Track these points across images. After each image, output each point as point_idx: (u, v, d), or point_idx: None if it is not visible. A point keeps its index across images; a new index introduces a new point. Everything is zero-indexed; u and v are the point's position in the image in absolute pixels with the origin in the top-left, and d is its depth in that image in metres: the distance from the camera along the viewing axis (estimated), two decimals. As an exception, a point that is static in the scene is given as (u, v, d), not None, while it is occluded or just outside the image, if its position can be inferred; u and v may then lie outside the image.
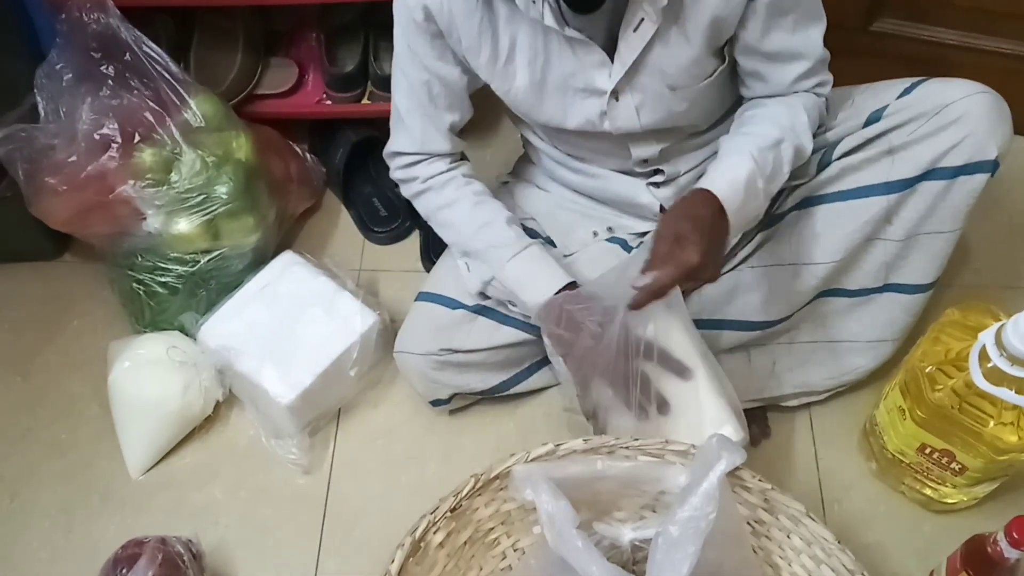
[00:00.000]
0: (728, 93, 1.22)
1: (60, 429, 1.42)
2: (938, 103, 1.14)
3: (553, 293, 1.18)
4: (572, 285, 1.19)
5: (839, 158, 1.20)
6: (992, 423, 1.10)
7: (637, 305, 1.06)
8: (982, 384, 1.08)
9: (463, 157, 1.32)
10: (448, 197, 1.28)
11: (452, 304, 1.30)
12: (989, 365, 1.07)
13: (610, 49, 1.09)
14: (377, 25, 1.63)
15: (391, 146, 1.29)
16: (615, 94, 1.12)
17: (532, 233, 1.35)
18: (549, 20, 1.05)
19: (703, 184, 1.08)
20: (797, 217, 1.24)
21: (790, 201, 1.25)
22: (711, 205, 1.06)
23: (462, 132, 1.28)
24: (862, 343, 1.32)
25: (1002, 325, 1.06)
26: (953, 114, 1.13)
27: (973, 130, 1.12)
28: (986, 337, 1.08)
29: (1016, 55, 1.55)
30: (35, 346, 1.50)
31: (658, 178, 1.27)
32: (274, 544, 1.30)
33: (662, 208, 1.29)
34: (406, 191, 1.32)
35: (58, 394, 1.45)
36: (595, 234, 1.34)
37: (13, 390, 1.46)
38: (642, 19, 1.05)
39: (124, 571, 1.17)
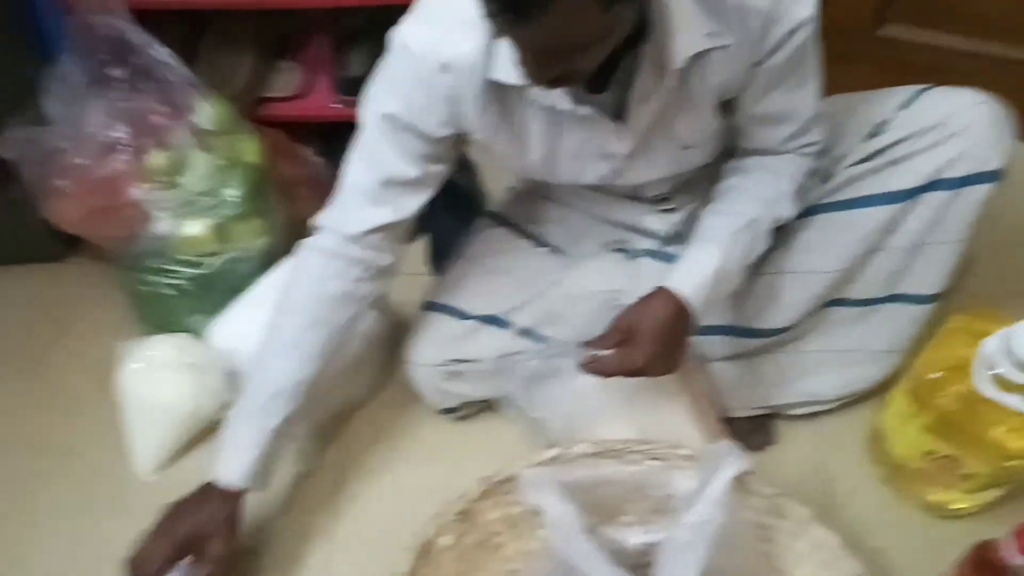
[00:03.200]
0: (731, 134, 1.22)
1: (69, 431, 1.42)
2: (942, 114, 1.14)
3: (219, 480, 1.11)
4: (235, 495, 1.12)
5: (843, 169, 1.21)
6: (998, 429, 1.11)
7: (585, 370, 1.09)
8: (988, 391, 1.08)
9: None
10: (306, 270, 1.17)
11: (459, 315, 1.31)
12: (994, 372, 1.07)
13: (620, 115, 1.08)
14: (386, 29, 1.63)
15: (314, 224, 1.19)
16: (629, 155, 1.12)
17: (539, 242, 1.35)
18: (563, 104, 1.04)
19: (669, 282, 1.09)
20: (801, 226, 1.24)
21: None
22: (672, 307, 1.08)
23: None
24: (868, 353, 1.32)
25: (1007, 332, 1.07)
26: (955, 125, 1.13)
27: (976, 141, 1.12)
28: (991, 344, 1.09)
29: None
30: (45, 347, 1.51)
31: (667, 205, 1.27)
32: (281, 547, 1.30)
33: (677, 236, 1.29)
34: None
35: (67, 395, 1.46)
36: (603, 244, 1.34)
37: (23, 391, 1.47)
38: (651, 94, 1.04)
39: None
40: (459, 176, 1.58)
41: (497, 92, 1.05)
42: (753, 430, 1.36)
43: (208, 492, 1.11)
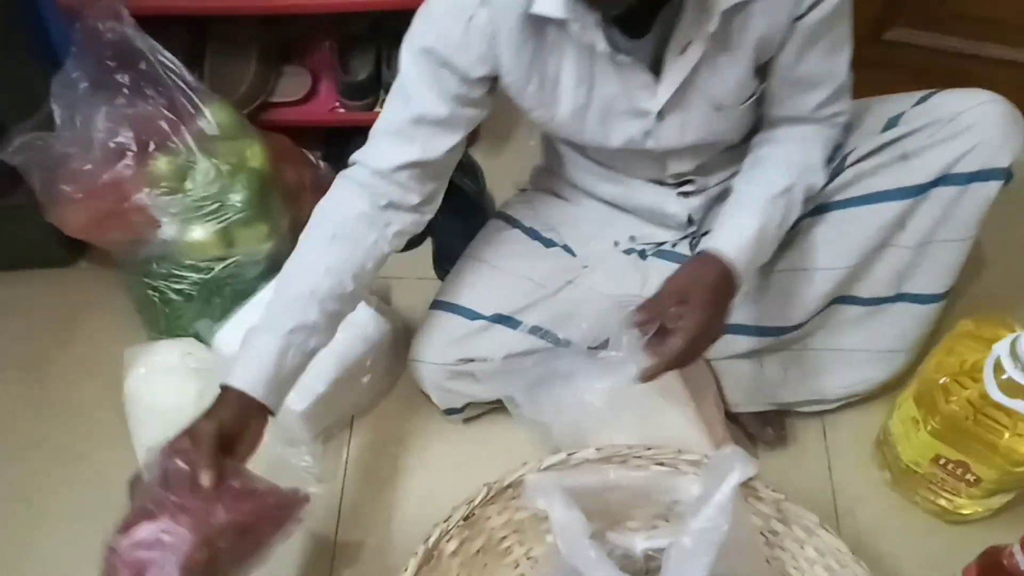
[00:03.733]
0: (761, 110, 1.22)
1: (75, 435, 1.43)
2: (952, 110, 1.14)
3: (242, 388, 1.05)
4: (255, 407, 1.05)
5: (853, 164, 1.20)
6: (1007, 434, 1.10)
7: (648, 378, 1.07)
8: (997, 396, 1.08)
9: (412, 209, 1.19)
10: (333, 199, 1.16)
11: (468, 314, 1.30)
12: (1004, 377, 1.07)
13: (656, 70, 1.08)
14: (389, 34, 1.64)
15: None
16: (660, 114, 1.12)
17: (549, 242, 1.35)
18: (602, 46, 1.04)
19: (712, 245, 1.08)
20: (811, 223, 1.24)
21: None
22: (719, 269, 1.07)
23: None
24: (874, 352, 1.32)
25: (1016, 337, 1.06)
26: (966, 121, 1.13)
27: (986, 137, 1.13)
28: (1000, 349, 1.08)
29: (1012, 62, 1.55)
30: (51, 352, 1.51)
31: (688, 188, 1.27)
32: (287, 552, 1.30)
33: (690, 219, 1.29)
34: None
35: (73, 400, 1.46)
36: (616, 243, 1.34)
37: (29, 396, 1.47)
38: (689, 42, 1.04)
39: None
40: (463, 179, 1.58)
41: (535, 29, 1.05)
42: (764, 425, 1.35)
43: (222, 399, 1.06)
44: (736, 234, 1.09)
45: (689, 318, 1.04)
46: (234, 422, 1.03)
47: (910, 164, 1.17)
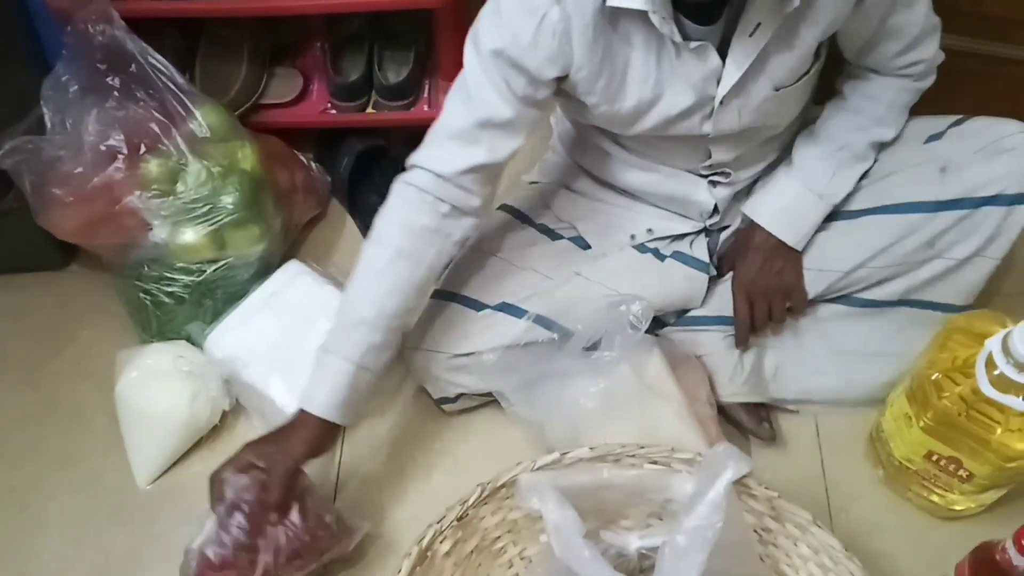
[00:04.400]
0: (811, 89, 1.23)
1: (69, 439, 1.42)
2: (995, 133, 1.20)
3: (322, 414, 1.11)
4: (334, 427, 1.13)
5: (891, 173, 1.25)
6: (999, 430, 1.10)
7: (741, 341, 1.32)
8: (989, 391, 1.08)
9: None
10: (396, 211, 1.16)
11: (474, 305, 1.30)
12: (996, 372, 1.07)
13: (721, 53, 1.08)
14: (381, 35, 1.64)
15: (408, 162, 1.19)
16: (723, 99, 1.12)
17: (556, 236, 1.35)
18: (676, 36, 1.03)
19: (747, 210, 1.29)
20: (838, 225, 1.28)
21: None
22: (762, 243, 1.27)
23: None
24: (867, 355, 1.33)
25: (1008, 332, 1.06)
26: (1008, 144, 1.18)
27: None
28: (993, 344, 1.08)
29: (1015, 60, 1.54)
30: (43, 357, 1.51)
31: (721, 178, 1.28)
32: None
33: (716, 209, 1.31)
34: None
35: (67, 404, 1.46)
36: (632, 236, 1.34)
37: (22, 401, 1.47)
38: (759, 24, 1.04)
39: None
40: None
41: (610, 23, 1.05)
42: (760, 421, 1.36)
43: (301, 423, 1.13)
44: (772, 197, 1.27)
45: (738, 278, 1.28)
46: (315, 444, 1.12)
47: (948, 178, 1.21)
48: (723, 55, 1.07)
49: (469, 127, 1.11)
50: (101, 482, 1.38)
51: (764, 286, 1.28)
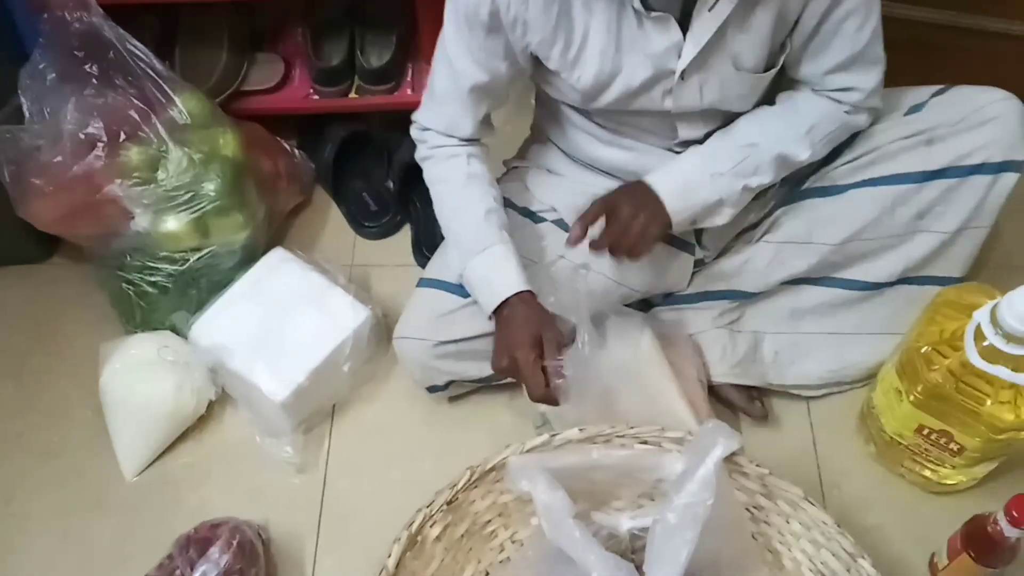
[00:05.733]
0: (779, 81, 1.23)
1: (53, 433, 1.41)
2: (977, 102, 1.20)
3: (504, 298, 1.18)
4: (527, 294, 1.19)
5: (878, 147, 1.24)
6: (989, 402, 1.10)
7: (573, 239, 1.16)
8: (978, 363, 1.07)
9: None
10: (443, 173, 1.27)
11: (458, 291, 1.29)
12: (985, 344, 1.07)
13: (682, 28, 1.09)
14: (363, 19, 1.63)
15: (418, 115, 1.28)
16: (683, 74, 1.12)
17: (539, 218, 1.34)
18: (637, 4, 1.05)
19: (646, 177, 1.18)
20: (826, 201, 1.27)
21: (817, 182, 1.29)
22: (641, 186, 1.17)
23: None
24: (864, 336, 1.34)
25: (997, 303, 1.06)
26: (991, 113, 1.19)
27: (1007, 130, 1.19)
28: (981, 316, 1.08)
29: (1001, 34, 1.54)
30: (26, 349, 1.49)
31: None
32: (271, 543, 1.28)
33: None
34: (416, 154, 1.32)
35: (50, 397, 1.44)
36: None
37: (5, 394, 1.45)
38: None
39: (195, 555, 1.16)
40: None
41: None
42: (751, 400, 1.35)
43: (511, 306, 1.18)
44: (670, 168, 1.19)
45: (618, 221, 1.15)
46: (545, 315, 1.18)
47: (934, 149, 1.21)
48: (685, 30, 1.08)
49: (463, 95, 1.20)
50: (86, 474, 1.37)
51: (618, 197, 1.18)
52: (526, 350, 1.14)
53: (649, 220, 1.14)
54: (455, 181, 1.26)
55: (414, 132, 1.30)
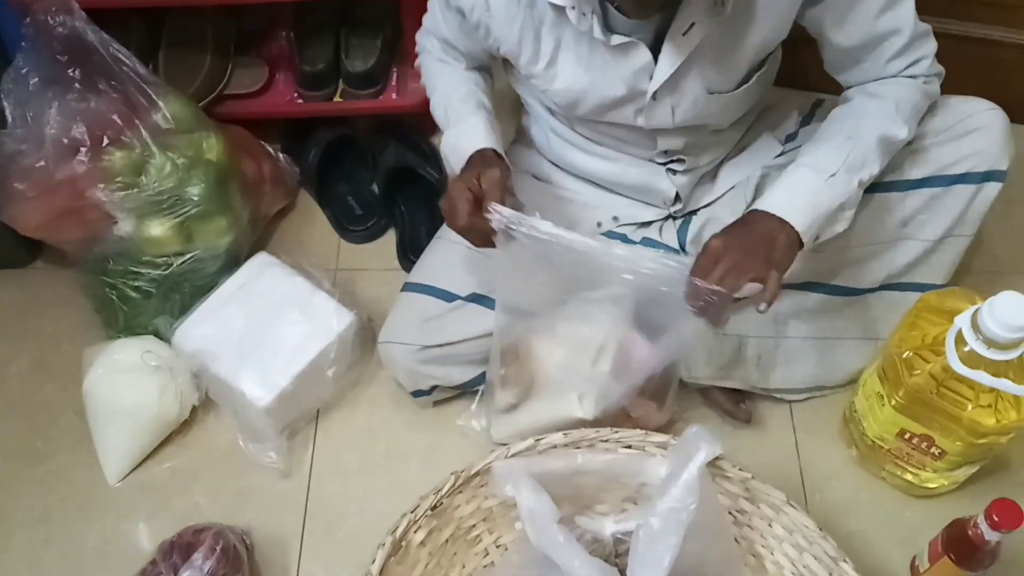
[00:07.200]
0: (755, 95, 1.23)
1: (36, 438, 1.40)
2: (962, 112, 1.20)
3: (469, 155, 1.18)
4: (491, 152, 1.17)
5: None
6: (970, 406, 1.11)
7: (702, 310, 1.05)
8: (959, 368, 1.08)
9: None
10: (436, 66, 1.30)
11: (444, 296, 1.30)
12: (966, 349, 1.07)
13: (655, 49, 1.09)
14: (348, 22, 1.62)
15: (423, 25, 1.32)
16: (654, 95, 1.12)
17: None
18: (597, 32, 1.05)
19: (758, 205, 1.08)
20: None
21: None
22: (756, 217, 1.07)
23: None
24: (847, 341, 1.34)
25: (978, 309, 1.07)
26: (975, 124, 1.19)
27: (990, 141, 1.19)
28: (962, 321, 1.09)
29: (987, 40, 1.55)
30: (9, 355, 1.48)
31: (678, 166, 1.27)
32: (255, 548, 1.28)
33: (677, 196, 1.30)
34: (418, 60, 1.35)
35: (33, 403, 1.43)
36: (599, 224, 1.33)
37: (-12, 399, 1.44)
38: (693, 24, 1.04)
39: (178, 560, 1.16)
40: (427, 169, 1.57)
41: (532, 8, 1.10)
42: (737, 403, 1.36)
43: (482, 158, 1.17)
44: (782, 190, 1.08)
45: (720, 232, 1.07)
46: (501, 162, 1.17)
47: (919, 158, 1.21)
48: (659, 51, 1.08)
49: (443, 45, 1.27)
50: (69, 480, 1.36)
51: (746, 244, 1.05)
52: (464, 178, 1.13)
53: (773, 253, 1.04)
54: (454, 70, 1.28)
55: (417, 37, 1.34)
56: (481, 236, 1.13)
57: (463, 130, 1.21)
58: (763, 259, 1.03)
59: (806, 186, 1.08)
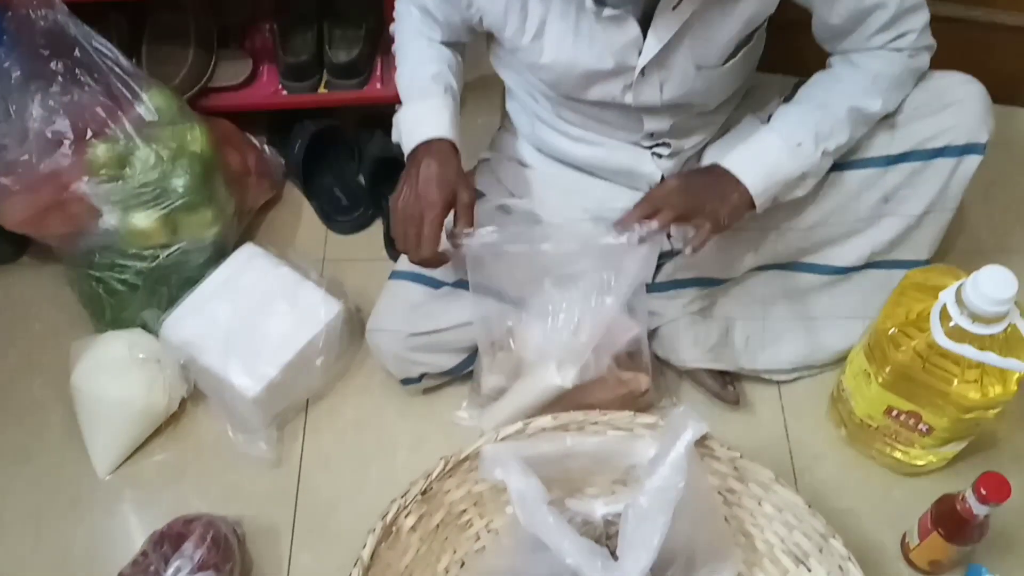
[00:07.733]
0: (742, 73, 1.23)
1: (25, 433, 1.39)
2: (939, 86, 1.20)
3: (426, 138, 1.17)
4: (449, 144, 1.18)
5: None
6: (956, 381, 1.11)
7: (622, 224, 1.13)
8: (944, 343, 1.08)
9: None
10: (413, 35, 1.28)
11: (431, 283, 1.30)
12: (951, 324, 1.08)
13: (644, 24, 1.08)
14: (331, 14, 1.62)
15: None
16: (643, 70, 1.12)
17: (509, 211, 1.34)
18: (589, 3, 1.05)
19: (719, 160, 1.15)
20: None
21: None
22: (710, 168, 1.15)
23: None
24: (834, 320, 1.35)
25: (962, 284, 1.07)
26: (953, 97, 1.20)
27: (969, 114, 1.19)
28: (947, 296, 1.09)
29: (967, 21, 1.56)
30: (-3, 351, 1.48)
31: (663, 150, 1.27)
32: (246, 538, 1.28)
33: (663, 180, 1.29)
34: (393, 26, 1.33)
35: (21, 398, 1.43)
36: (585, 210, 1.33)
37: (-25, 396, 1.44)
38: None
39: (169, 550, 1.16)
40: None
41: None
42: (725, 385, 1.36)
43: (431, 152, 1.16)
44: (747, 149, 1.15)
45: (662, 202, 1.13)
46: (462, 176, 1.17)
47: (897, 133, 1.22)
48: (648, 27, 1.08)
49: (422, 13, 1.26)
50: (59, 474, 1.36)
51: (697, 192, 1.14)
52: (436, 209, 1.13)
53: (735, 208, 1.13)
54: (418, 41, 1.27)
55: (396, 2, 1.31)
56: (436, 262, 1.17)
57: (427, 110, 1.20)
58: (707, 212, 1.12)
59: (770, 153, 1.14)
